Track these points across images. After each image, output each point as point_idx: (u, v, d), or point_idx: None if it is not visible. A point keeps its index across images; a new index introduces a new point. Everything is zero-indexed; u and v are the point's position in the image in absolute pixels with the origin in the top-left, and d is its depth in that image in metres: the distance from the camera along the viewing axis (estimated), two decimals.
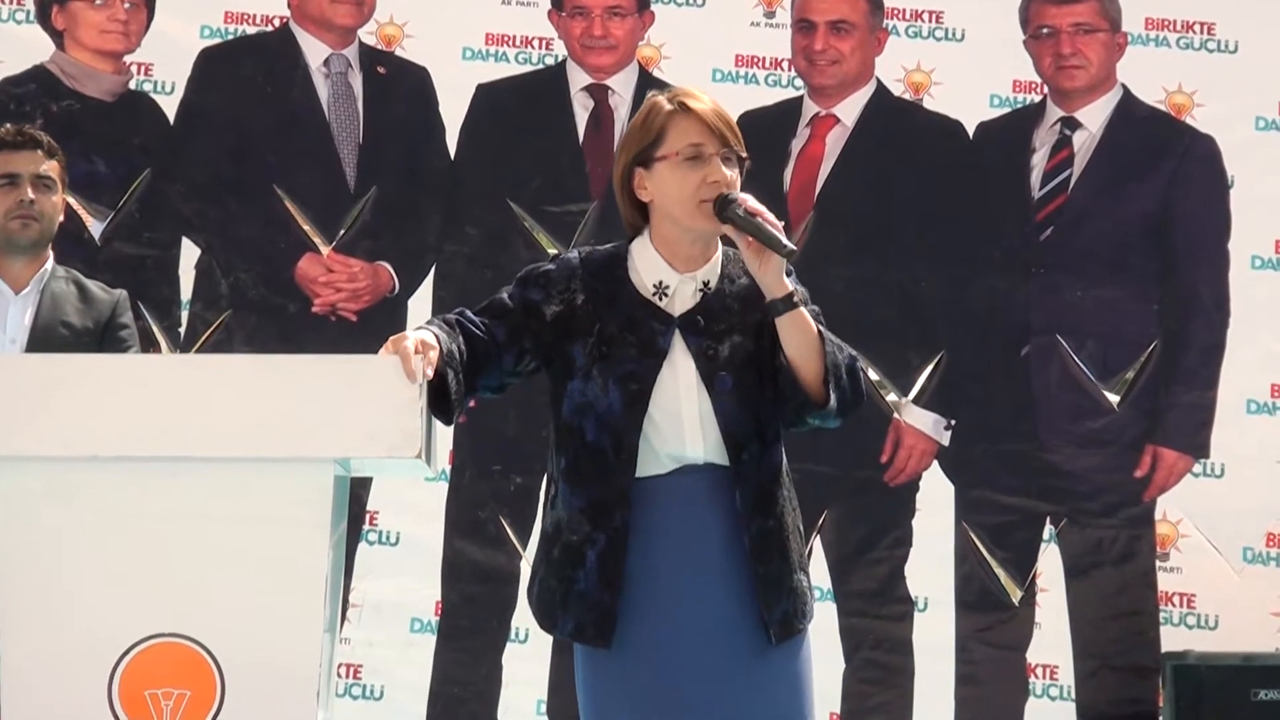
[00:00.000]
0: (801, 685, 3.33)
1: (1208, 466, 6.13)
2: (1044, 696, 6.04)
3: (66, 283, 4.76)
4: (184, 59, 6.22)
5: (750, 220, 3.21)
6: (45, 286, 4.73)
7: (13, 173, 4.71)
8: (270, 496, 3.17)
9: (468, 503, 6.11)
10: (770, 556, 3.29)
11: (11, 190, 4.70)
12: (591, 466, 3.29)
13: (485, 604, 6.05)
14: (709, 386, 3.29)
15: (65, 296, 4.73)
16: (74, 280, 4.78)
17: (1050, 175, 6.23)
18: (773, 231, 3.20)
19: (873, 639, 6.06)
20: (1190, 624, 6.06)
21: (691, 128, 3.28)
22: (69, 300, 4.72)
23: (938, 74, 6.29)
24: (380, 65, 6.28)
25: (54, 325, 4.66)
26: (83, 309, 4.72)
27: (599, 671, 3.31)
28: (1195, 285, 6.19)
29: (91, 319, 4.71)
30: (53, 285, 4.74)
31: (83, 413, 3.14)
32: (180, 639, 3.15)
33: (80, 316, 4.70)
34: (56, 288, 4.74)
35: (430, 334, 3.22)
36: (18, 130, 4.81)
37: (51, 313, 4.69)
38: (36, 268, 4.74)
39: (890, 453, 6.13)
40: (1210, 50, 6.31)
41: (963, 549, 6.10)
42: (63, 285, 4.75)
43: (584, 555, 3.28)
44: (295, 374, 3.22)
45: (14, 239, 4.70)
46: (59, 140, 4.87)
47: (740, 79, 6.26)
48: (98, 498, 3.16)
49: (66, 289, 4.75)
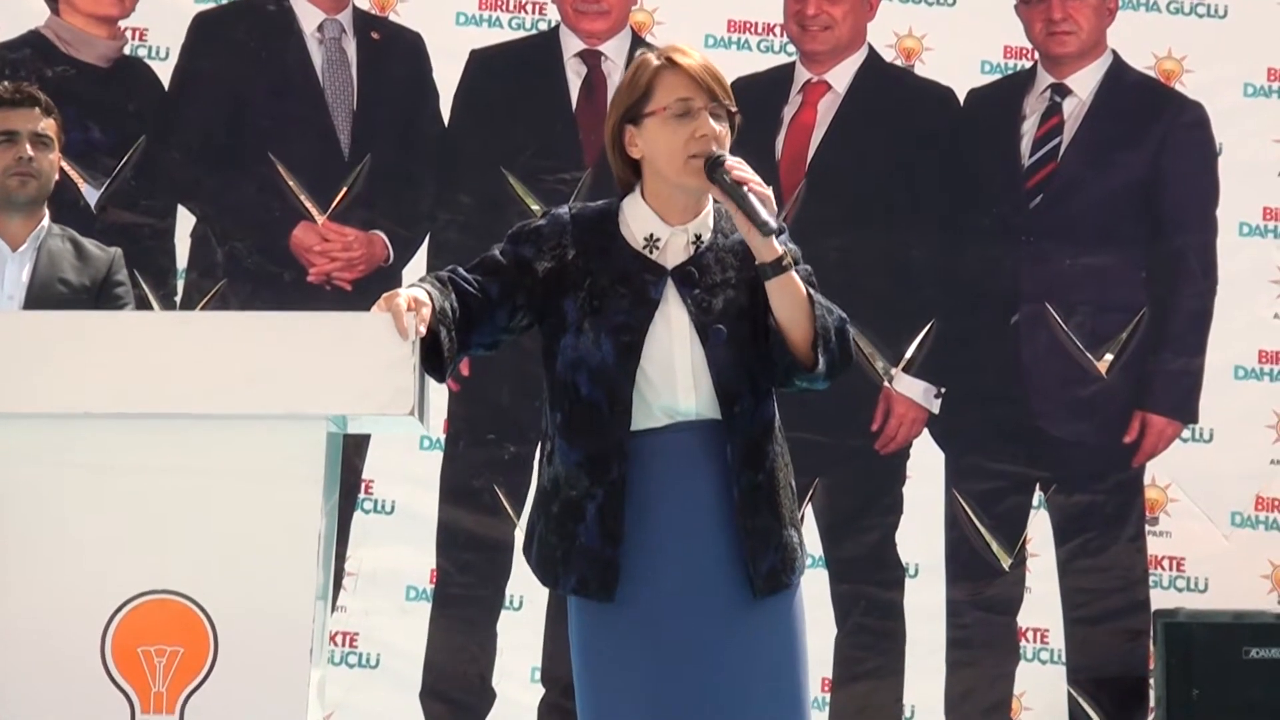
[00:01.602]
0: (790, 640, 3.34)
1: (1196, 431, 6.16)
2: (1035, 660, 6.07)
3: (63, 240, 4.78)
4: (179, 24, 6.22)
5: (736, 189, 3.22)
6: (42, 244, 4.74)
7: (11, 130, 4.72)
8: (263, 453, 3.16)
9: (462, 471, 6.12)
10: (758, 510, 3.30)
11: (10, 147, 4.71)
12: (587, 421, 3.30)
13: (480, 572, 6.07)
14: (703, 338, 3.30)
15: (62, 254, 4.74)
16: (70, 238, 4.80)
17: (1040, 143, 6.24)
18: (755, 206, 3.20)
19: (864, 605, 6.09)
20: (1180, 587, 6.09)
21: (679, 83, 3.29)
22: (65, 257, 4.74)
23: (929, 39, 6.30)
24: (374, 30, 6.28)
25: (51, 282, 4.68)
26: (79, 266, 4.74)
27: (596, 625, 3.32)
28: (1183, 252, 6.21)
29: (88, 276, 4.73)
30: (49, 243, 4.75)
31: (76, 369, 3.15)
32: (173, 595, 3.14)
33: (77, 274, 4.71)
34: (53, 245, 4.75)
35: (423, 291, 3.22)
36: (16, 88, 4.82)
37: (49, 270, 4.70)
38: (33, 225, 4.76)
39: (881, 421, 6.15)
40: (1200, 15, 6.31)
41: (953, 515, 6.13)
42: (59, 243, 4.77)
43: (584, 510, 3.29)
44: (287, 331, 3.22)
45: (12, 196, 4.72)
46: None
47: (733, 44, 6.27)
48: (91, 454, 3.16)
49: (63, 246, 4.76)
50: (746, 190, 3.21)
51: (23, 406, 3.16)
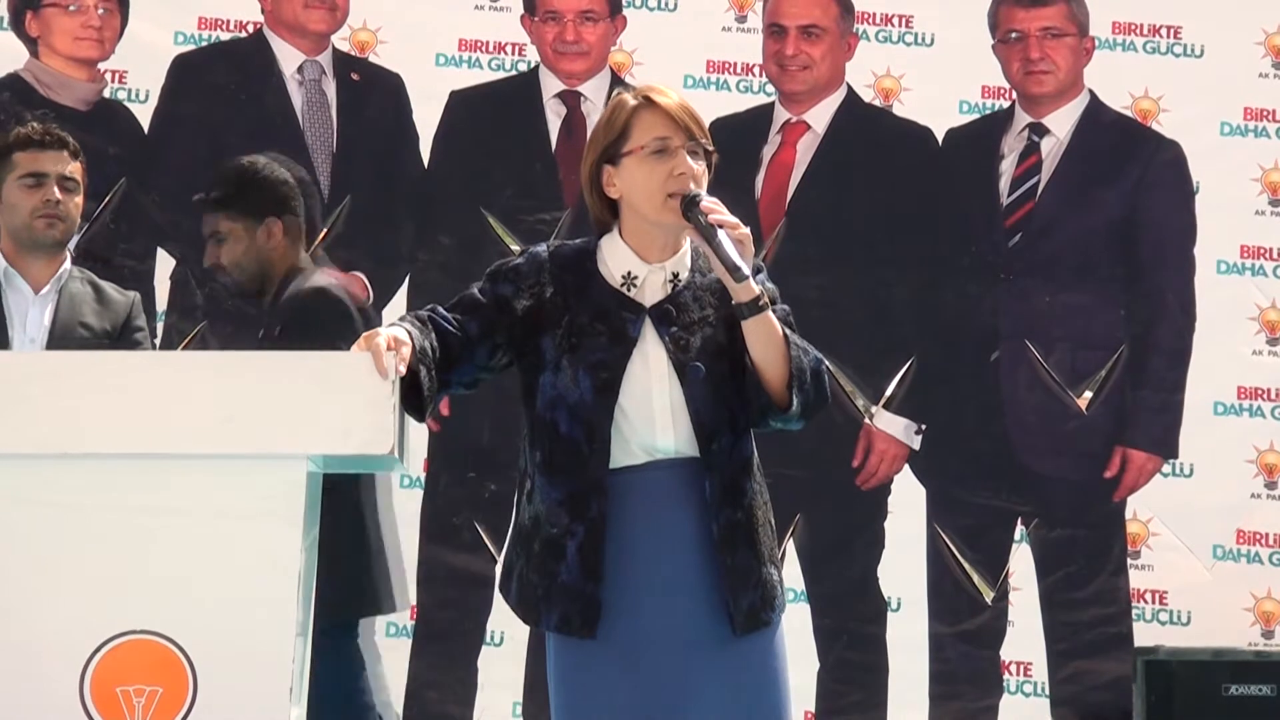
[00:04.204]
0: (771, 677, 3.34)
1: (1177, 466, 6.18)
2: (1018, 693, 6.08)
3: (82, 283, 4.78)
4: (158, 66, 6.23)
5: (710, 230, 3.22)
6: (64, 287, 4.74)
7: (41, 172, 4.72)
8: (243, 493, 3.14)
9: (443, 509, 6.12)
10: (737, 547, 3.31)
11: (38, 189, 4.71)
12: (566, 458, 3.30)
13: (460, 608, 6.07)
14: (680, 376, 3.30)
15: (82, 297, 4.75)
16: (89, 281, 4.80)
17: (1019, 182, 6.27)
18: (727, 250, 3.20)
19: (847, 639, 6.09)
20: (1162, 620, 6.10)
21: (657, 122, 3.31)
22: (86, 301, 4.74)
23: (907, 79, 6.33)
24: (354, 72, 6.29)
25: (72, 325, 4.68)
26: (100, 310, 4.74)
27: (577, 662, 3.32)
28: (1161, 290, 6.24)
29: (109, 321, 4.74)
30: (70, 285, 4.76)
31: (54, 410, 3.13)
32: (152, 636, 3.12)
33: (98, 318, 4.72)
34: (74, 288, 4.76)
35: (402, 330, 3.22)
36: (45, 130, 4.82)
37: (70, 313, 4.70)
38: (55, 268, 4.76)
39: (862, 457, 6.17)
40: (1176, 55, 6.35)
41: (935, 550, 6.14)
42: (79, 286, 4.77)
43: (564, 548, 3.29)
44: (267, 370, 3.21)
45: (38, 238, 4.72)
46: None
47: (712, 85, 6.29)
48: (69, 495, 3.13)
49: (83, 289, 4.77)
50: (721, 232, 3.21)
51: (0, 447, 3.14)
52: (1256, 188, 6.29)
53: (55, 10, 6.21)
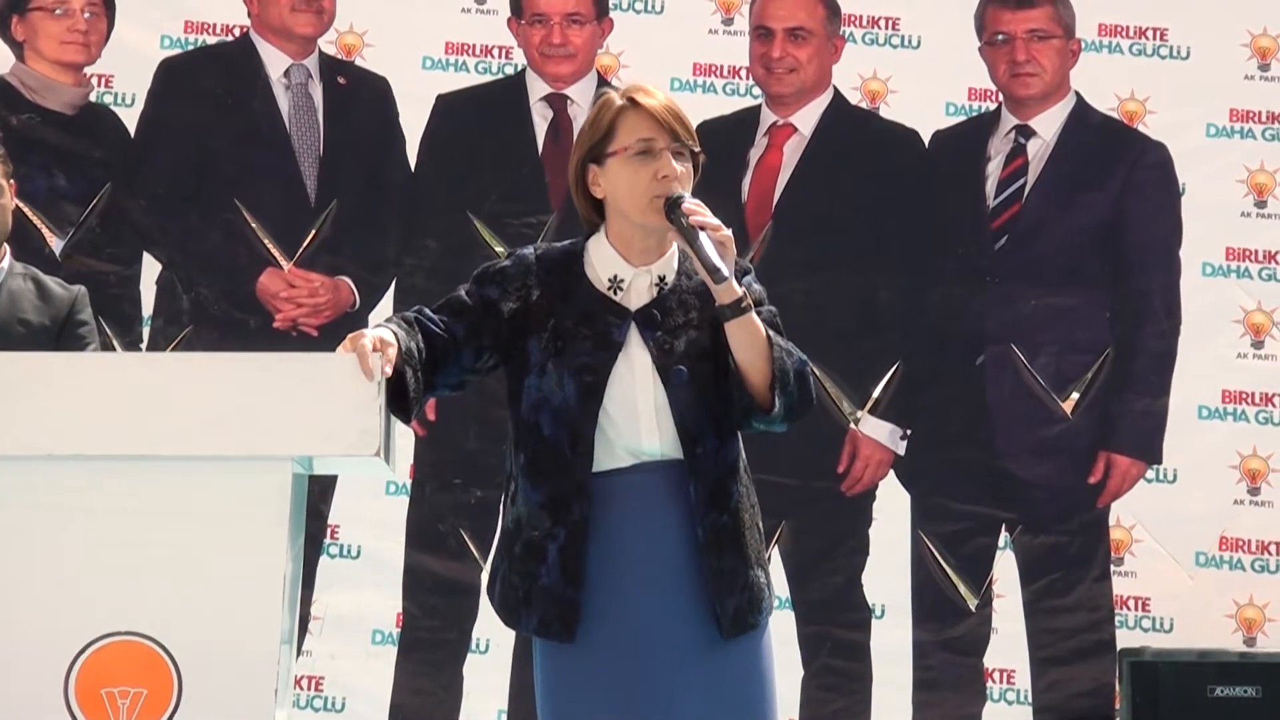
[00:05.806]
0: (758, 680, 3.33)
1: (1160, 472, 6.17)
2: (1001, 700, 6.07)
3: (24, 279, 4.76)
4: (144, 70, 6.23)
5: (691, 232, 3.22)
6: (3, 284, 4.73)
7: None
8: (228, 494, 3.15)
9: (428, 515, 6.12)
10: (723, 550, 3.30)
11: None
12: (550, 461, 3.30)
13: (446, 615, 6.06)
14: (664, 379, 3.30)
15: (22, 293, 4.73)
16: (32, 277, 4.78)
17: (1005, 184, 6.27)
18: (708, 251, 3.19)
19: (830, 646, 6.09)
20: (1145, 626, 6.10)
21: (642, 123, 3.30)
22: (26, 297, 4.72)
23: (893, 82, 6.33)
24: (340, 75, 6.29)
25: (10, 322, 4.66)
26: (40, 306, 4.72)
27: (560, 667, 3.31)
28: (1147, 293, 6.23)
29: (49, 316, 4.71)
30: (10, 283, 4.74)
31: (39, 411, 3.13)
32: (137, 637, 3.12)
33: (38, 313, 4.69)
34: (14, 285, 4.73)
35: (389, 331, 3.22)
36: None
37: (9, 310, 4.68)
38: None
39: (847, 463, 6.16)
40: (1163, 57, 6.36)
41: (919, 556, 6.13)
42: (20, 282, 4.75)
43: (545, 550, 3.28)
44: (252, 372, 3.21)
45: None
46: (19, 154, 4.88)
47: (698, 87, 6.30)
48: (55, 496, 3.14)
49: (24, 286, 4.74)
50: (702, 234, 3.21)
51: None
52: (1242, 189, 6.30)
53: (41, 14, 6.20)
